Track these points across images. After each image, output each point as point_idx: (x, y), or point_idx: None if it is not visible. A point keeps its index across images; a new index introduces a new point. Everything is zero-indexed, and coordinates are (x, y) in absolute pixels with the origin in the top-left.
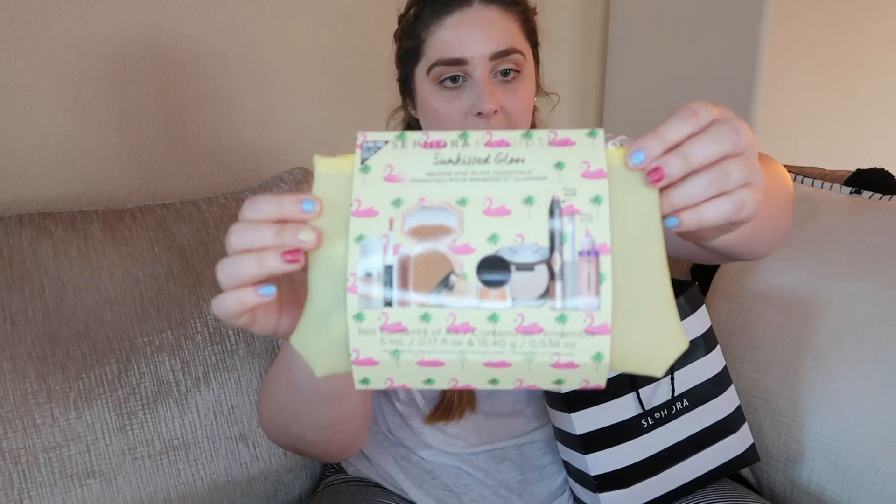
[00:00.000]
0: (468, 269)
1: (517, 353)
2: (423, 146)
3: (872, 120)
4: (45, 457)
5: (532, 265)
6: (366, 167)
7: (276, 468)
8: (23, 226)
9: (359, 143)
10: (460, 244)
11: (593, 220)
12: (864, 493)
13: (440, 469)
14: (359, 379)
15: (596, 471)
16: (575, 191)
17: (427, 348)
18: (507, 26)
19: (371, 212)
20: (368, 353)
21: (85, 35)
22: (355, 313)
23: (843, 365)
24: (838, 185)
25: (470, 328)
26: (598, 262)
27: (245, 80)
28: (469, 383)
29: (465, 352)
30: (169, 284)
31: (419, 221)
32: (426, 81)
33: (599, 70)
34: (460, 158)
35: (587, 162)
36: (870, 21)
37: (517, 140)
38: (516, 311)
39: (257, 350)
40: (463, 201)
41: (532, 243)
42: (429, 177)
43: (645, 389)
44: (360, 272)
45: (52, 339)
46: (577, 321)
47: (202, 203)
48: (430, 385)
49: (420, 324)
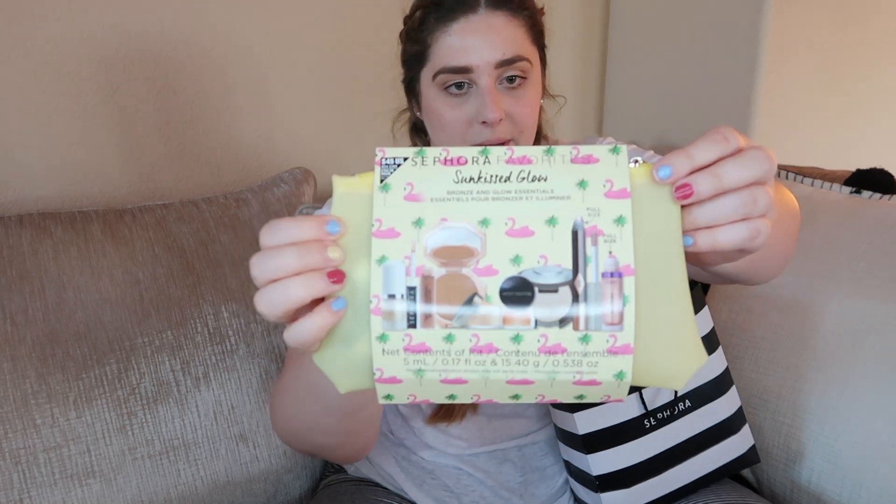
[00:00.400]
0: (491, 291)
1: (540, 372)
2: (444, 163)
3: (872, 120)
4: (45, 457)
5: (556, 287)
6: (385, 185)
7: (276, 468)
8: (23, 226)
9: (377, 160)
10: (483, 266)
11: (617, 241)
12: (864, 493)
13: (441, 470)
14: (382, 395)
15: (598, 471)
16: (598, 211)
17: (451, 367)
18: (514, 33)
19: (392, 232)
20: (392, 373)
21: (85, 35)
22: (379, 334)
23: (843, 365)
24: (838, 185)
25: (494, 349)
26: (622, 283)
27: (245, 80)
28: (491, 398)
29: (488, 371)
30: (169, 284)
31: (442, 243)
32: (431, 86)
33: (599, 70)
34: (481, 177)
35: (610, 181)
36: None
37: (539, 157)
38: (539, 332)
39: (257, 350)
40: (485, 222)
41: (555, 265)
42: (449, 196)
43: (648, 390)
44: (383, 294)
45: (52, 339)
46: (601, 342)
47: (202, 203)
48: (452, 400)
49: (444, 344)
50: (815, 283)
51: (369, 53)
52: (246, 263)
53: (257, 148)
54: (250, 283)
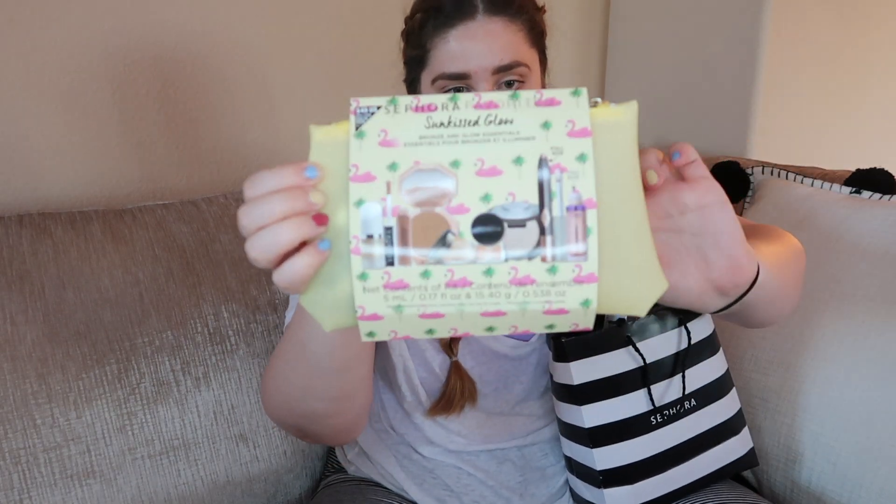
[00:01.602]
0: (464, 228)
1: (512, 303)
2: (415, 110)
3: (872, 120)
4: (45, 457)
5: (523, 221)
6: (361, 133)
7: (276, 468)
8: (23, 226)
9: (352, 110)
10: (455, 204)
11: (580, 177)
12: (864, 493)
13: (441, 469)
14: (364, 332)
15: (602, 466)
16: (562, 149)
17: (428, 302)
18: (511, 38)
19: (369, 176)
20: (373, 309)
21: (85, 35)
22: (359, 273)
23: (843, 365)
24: (838, 185)
25: (467, 282)
26: (585, 216)
27: (245, 79)
28: (468, 331)
29: (463, 304)
30: (169, 284)
31: (415, 184)
32: (431, 90)
33: (599, 70)
34: (451, 121)
35: (572, 121)
36: (870, 21)
37: (505, 102)
38: (510, 265)
39: (257, 350)
40: (456, 163)
41: (523, 201)
42: (422, 140)
43: (657, 387)
44: (362, 235)
45: (52, 339)
46: (567, 272)
47: (202, 203)
48: (430, 335)
49: (421, 280)
50: (815, 284)
51: (371, 53)
52: (246, 263)
53: (258, 148)
54: (251, 284)
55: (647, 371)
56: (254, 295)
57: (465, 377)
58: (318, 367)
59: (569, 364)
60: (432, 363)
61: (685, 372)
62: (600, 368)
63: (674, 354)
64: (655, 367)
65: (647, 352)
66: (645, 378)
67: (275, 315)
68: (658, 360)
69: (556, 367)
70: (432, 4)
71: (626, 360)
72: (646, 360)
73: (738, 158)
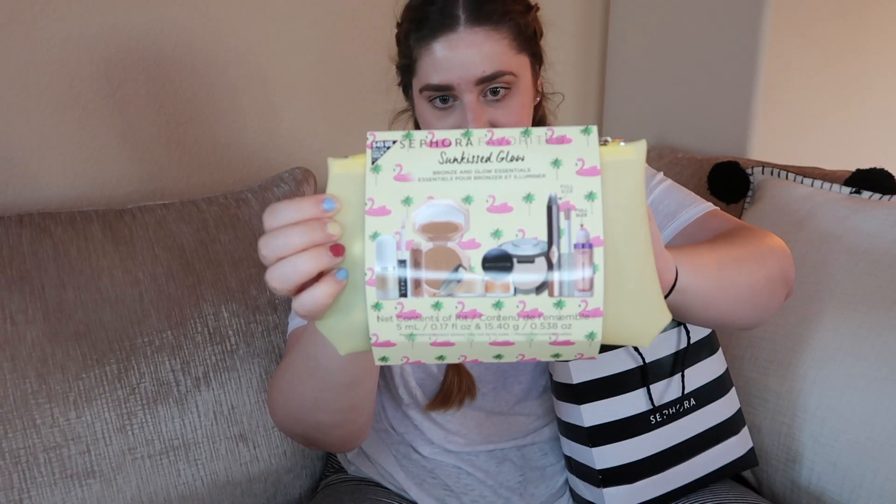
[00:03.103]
0: (474, 263)
1: (520, 334)
2: (430, 145)
3: (872, 120)
4: (45, 457)
5: (532, 258)
6: (377, 167)
7: (276, 468)
8: (23, 226)
9: (369, 143)
10: (467, 239)
11: (587, 215)
12: (864, 493)
13: (440, 468)
14: (378, 357)
15: (601, 465)
16: (571, 188)
17: (439, 332)
18: (494, 48)
19: (384, 210)
20: (387, 337)
21: (85, 35)
22: (374, 303)
23: (843, 365)
24: (838, 185)
25: (477, 314)
26: (592, 253)
27: (245, 79)
28: (477, 358)
29: (472, 334)
30: (169, 284)
31: (429, 219)
32: (420, 98)
33: (599, 70)
34: (464, 157)
35: (582, 160)
36: (870, 21)
37: (517, 138)
38: (518, 299)
39: (257, 350)
40: (468, 199)
41: (532, 238)
42: (435, 175)
43: (656, 386)
44: (376, 267)
45: (52, 339)
46: (573, 306)
47: (202, 203)
48: (441, 360)
49: (432, 311)
50: (815, 283)
51: (369, 54)
52: (246, 263)
53: (257, 148)
54: (251, 284)
55: (646, 370)
56: (254, 295)
57: (462, 372)
58: (328, 381)
59: (568, 363)
60: (429, 365)
61: (684, 371)
62: (600, 367)
63: (673, 354)
64: (655, 366)
65: (647, 351)
66: (644, 377)
67: (275, 315)
68: (657, 360)
69: (556, 366)
70: (416, 16)
71: (626, 360)
72: (645, 359)
73: (738, 158)
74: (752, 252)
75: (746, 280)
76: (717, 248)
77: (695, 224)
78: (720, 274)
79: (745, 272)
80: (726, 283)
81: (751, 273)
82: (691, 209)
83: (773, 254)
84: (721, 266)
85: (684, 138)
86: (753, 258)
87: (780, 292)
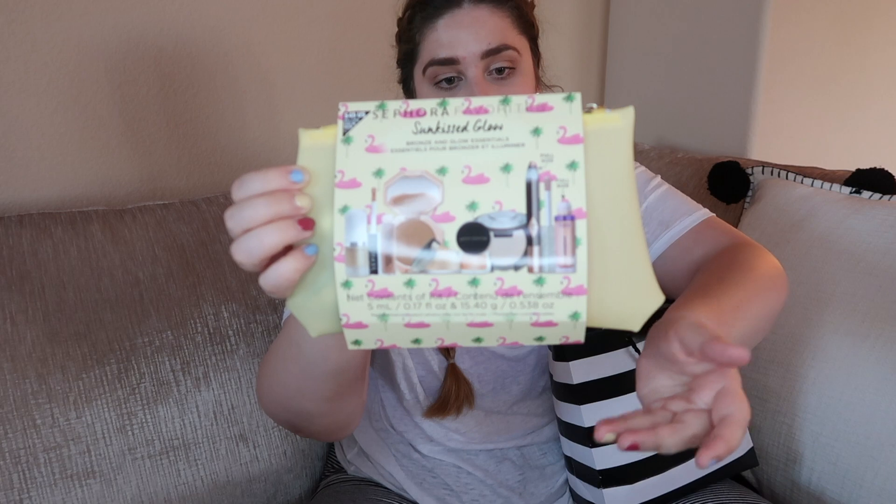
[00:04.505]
0: (449, 237)
1: (498, 314)
2: (404, 115)
3: (872, 120)
4: (45, 457)
5: (510, 231)
6: (348, 138)
7: (276, 468)
8: (23, 226)
9: (340, 114)
10: (441, 212)
11: (569, 185)
12: (864, 493)
13: (440, 468)
14: (350, 340)
15: (602, 465)
16: (552, 157)
17: (413, 311)
18: (498, 24)
19: (354, 183)
20: (358, 318)
21: (85, 35)
22: (343, 281)
23: (843, 365)
24: (838, 185)
25: (452, 292)
26: (574, 226)
27: (245, 79)
28: (455, 342)
29: (448, 314)
30: (169, 284)
31: (401, 191)
32: (423, 82)
33: (599, 70)
34: (440, 127)
35: (564, 127)
36: (870, 21)
37: (495, 106)
38: (496, 276)
39: (257, 350)
40: (443, 170)
41: (510, 210)
42: (409, 146)
43: None
44: (346, 242)
45: (52, 339)
46: (555, 283)
47: (202, 203)
48: (417, 344)
49: (405, 289)
50: (815, 284)
51: (370, 53)
52: None
53: (258, 147)
54: (251, 284)
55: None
56: (254, 295)
57: (461, 380)
58: (311, 369)
59: (568, 363)
60: (431, 362)
61: None
62: (600, 368)
63: None
64: None
65: None
66: None
67: (275, 315)
68: None
69: (556, 366)
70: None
71: (626, 361)
72: None
73: (738, 158)
74: (758, 288)
75: (761, 319)
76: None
77: (689, 235)
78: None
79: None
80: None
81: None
82: (686, 219)
83: (773, 279)
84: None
85: (684, 138)
86: (762, 293)
87: (776, 320)
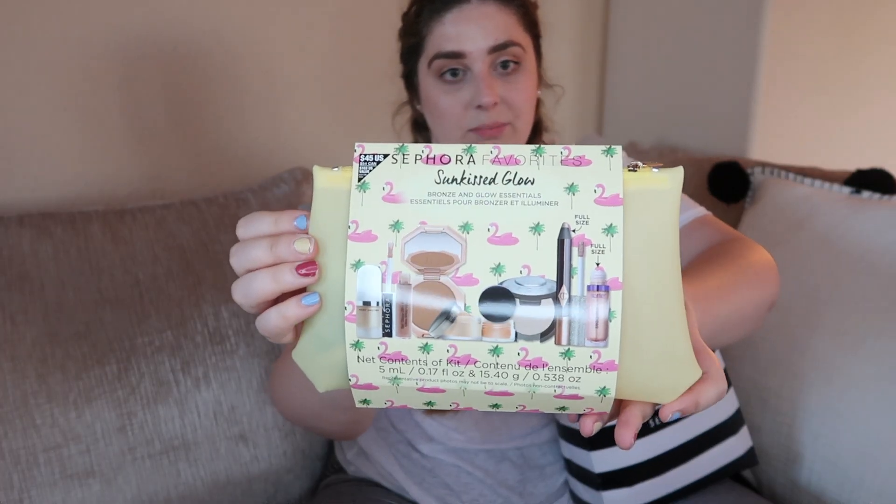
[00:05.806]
0: (470, 302)
1: (520, 385)
2: (426, 161)
3: (872, 120)
4: (45, 457)
5: (538, 299)
6: (364, 184)
7: (276, 468)
8: (23, 226)
9: (356, 157)
10: (463, 274)
11: (605, 251)
12: (864, 493)
13: (440, 467)
14: (358, 399)
15: (601, 468)
16: (587, 218)
17: (427, 377)
18: (505, 20)
19: (369, 236)
20: (368, 380)
21: (85, 35)
22: (353, 342)
23: (843, 365)
24: (838, 185)
25: (472, 360)
26: (609, 297)
27: (245, 79)
28: (471, 406)
29: (466, 382)
30: (169, 284)
31: (420, 248)
32: (428, 75)
33: (599, 70)
34: (465, 177)
35: (602, 186)
36: (870, 21)
37: (527, 157)
38: (520, 346)
39: (257, 350)
40: (467, 227)
41: (539, 276)
42: (430, 197)
43: None
44: (357, 301)
45: (52, 339)
46: (583, 357)
47: (202, 203)
48: (430, 407)
49: (420, 354)
50: (814, 284)
51: (372, 52)
52: None
53: (258, 148)
54: None
55: None
56: None
57: None
58: (327, 401)
59: None
60: None
61: None
62: None
63: None
64: None
65: None
66: None
67: None
68: None
69: None
70: None
71: None
72: None
73: (738, 158)
74: (744, 277)
75: (744, 306)
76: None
77: (683, 231)
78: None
79: (738, 301)
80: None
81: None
82: (681, 216)
83: (763, 272)
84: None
85: (684, 138)
86: (747, 282)
87: (766, 313)
